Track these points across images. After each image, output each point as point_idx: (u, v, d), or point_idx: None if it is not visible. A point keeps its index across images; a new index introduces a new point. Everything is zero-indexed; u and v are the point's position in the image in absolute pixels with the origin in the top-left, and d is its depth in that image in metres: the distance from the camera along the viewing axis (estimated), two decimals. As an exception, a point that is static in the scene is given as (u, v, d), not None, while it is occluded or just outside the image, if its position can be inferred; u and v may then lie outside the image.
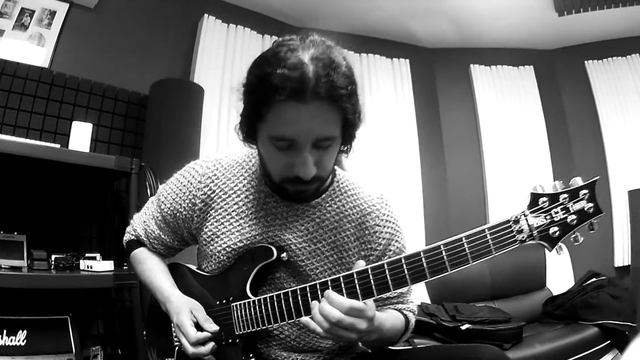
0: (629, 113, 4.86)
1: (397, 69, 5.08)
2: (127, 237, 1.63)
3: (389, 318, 1.33)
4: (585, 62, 5.10)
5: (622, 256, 4.64)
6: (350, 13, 4.66)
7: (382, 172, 4.63)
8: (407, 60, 5.14)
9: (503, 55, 5.29)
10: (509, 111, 5.09)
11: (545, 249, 1.03)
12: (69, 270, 2.51)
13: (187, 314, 1.33)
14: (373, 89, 4.87)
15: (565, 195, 1.02)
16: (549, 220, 1.02)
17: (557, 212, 1.02)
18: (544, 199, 1.03)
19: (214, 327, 1.32)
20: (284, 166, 1.20)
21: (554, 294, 4.09)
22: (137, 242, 1.59)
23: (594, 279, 3.88)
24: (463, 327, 3.14)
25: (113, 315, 2.99)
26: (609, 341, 3.40)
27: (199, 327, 1.32)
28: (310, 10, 4.56)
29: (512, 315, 3.42)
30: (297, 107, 1.08)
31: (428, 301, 3.71)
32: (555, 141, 5.04)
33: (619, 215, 4.66)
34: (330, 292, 1.14)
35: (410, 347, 2.91)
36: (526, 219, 1.03)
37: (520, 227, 1.02)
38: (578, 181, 1.03)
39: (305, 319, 1.18)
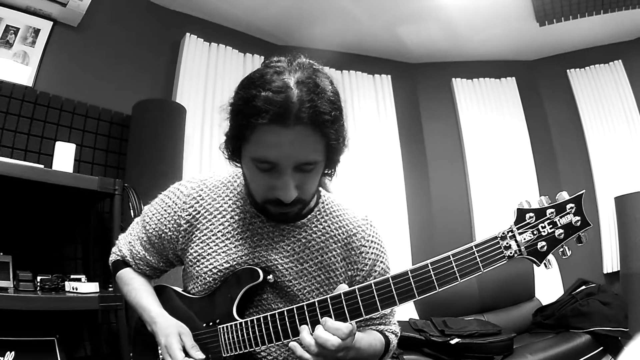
0: (613, 120, 4.89)
1: (378, 85, 5.09)
2: (112, 257, 1.61)
3: (365, 337, 1.32)
4: (568, 70, 5.13)
5: (610, 263, 4.65)
6: (331, 30, 4.67)
7: (366, 188, 4.61)
8: (389, 76, 5.15)
9: (484, 67, 5.30)
10: (492, 123, 5.10)
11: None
12: (54, 292, 2.49)
13: (175, 336, 1.31)
14: (355, 106, 4.87)
15: (552, 210, 1.03)
16: (536, 235, 1.02)
17: (544, 227, 1.02)
18: (531, 214, 1.03)
19: (200, 356, 1.29)
20: (265, 188, 1.20)
21: (544, 304, 4.09)
22: (123, 263, 1.56)
23: (583, 287, 3.88)
24: (452, 342, 3.11)
25: (100, 337, 2.95)
26: (601, 348, 3.39)
27: (186, 351, 1.30)
28: (291, 29, 4.57)
29: (502, 327, 3.39)
30: (280, 131, 1.08)
31: (416, 317, 3.68)
32: (540, 151, 5.06)
33: (606, 222, 4.68)
34: (328, 320, 1.13)
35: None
36: (513, 235, 1.03)
37: (507, 243, 1.02)
38: (564, 195, 1.04)
39: (293, 344, 1.16)
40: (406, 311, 3.68)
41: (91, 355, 2.93)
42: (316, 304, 1.16)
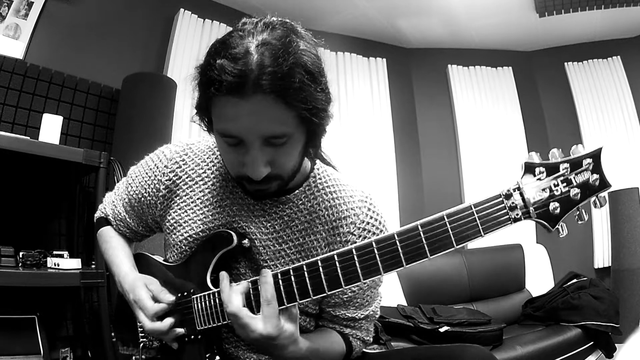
0: (609, 115, 4.90)
1: (373, 68, 5.04)
2: (97, 214, 1.56)
3: (312, 338, 1.18)
4: (565, 64, 5.12)
5: (601, 258, 4.67)
6: (327, 11, 4.61)
7: (357, 172, 4.56)
8: (384, 60, 5.10)
9: (481, 56, 5.28)
10: (486, 112, 5.08)
11: (542, 230, 0.87)
12: (36, 268, 2.43)
13: (143, 287, 1.24)
14: (349, 88, 4.82)
15: (566, 165, 0.89)
16: (547, 195, 0.87)
17: (557, 185, 0.87)
18: (541, 169, 0.89)
19: (170, 298, 1.22)
20: (236, 163, 1.09)
21: (534, 295, 4.06)
22: (105, 221, 1.52)
23: (574, 280, 3.86)
24: (441, 330, 3.08)
25: (82, 316, 2.90)
26: (591, 342, 3.37)
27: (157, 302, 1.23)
28: (287, 8, 4.49)
29: (492, 317, 3.36)
30: (236, 102, 0.96)
31: (404, 303, 3.65)
32: (534, 143, 5.04)
33: (599, 216, 4.69)
34: (233, 286, 1.11)
35: (387, 349, 2.84)
36: (520, 193, 0.88)
37: (513, 203, 0.87)
38: (580, 150, 0.89)
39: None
40: (394, 297, 3.64)
41: (73, 334, 2.88)
42: (290, 271, 1.06)
